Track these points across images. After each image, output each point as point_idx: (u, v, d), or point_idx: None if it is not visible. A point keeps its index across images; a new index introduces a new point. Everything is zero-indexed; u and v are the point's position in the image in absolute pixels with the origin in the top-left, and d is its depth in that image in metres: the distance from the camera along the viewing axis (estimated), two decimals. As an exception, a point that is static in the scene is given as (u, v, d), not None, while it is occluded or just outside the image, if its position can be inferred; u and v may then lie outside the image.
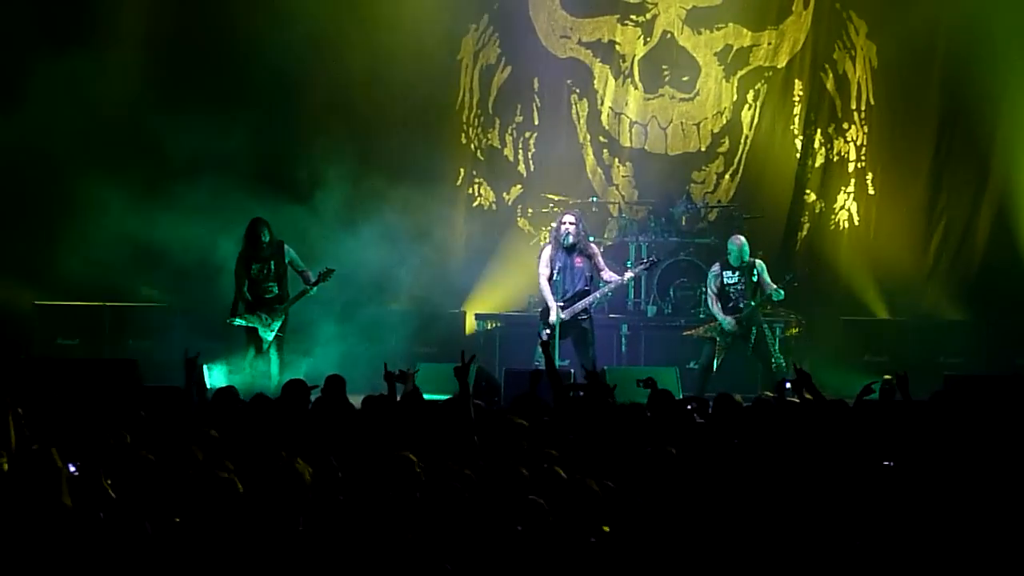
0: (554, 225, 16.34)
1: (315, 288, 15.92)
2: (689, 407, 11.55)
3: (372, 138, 19.41)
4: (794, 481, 7.91)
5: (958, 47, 19.50)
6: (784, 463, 8.27)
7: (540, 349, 15.39)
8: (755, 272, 16.29)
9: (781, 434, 9.53)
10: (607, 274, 15.93)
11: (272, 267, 16.01)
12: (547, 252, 16.08)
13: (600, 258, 16.09)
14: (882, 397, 11.69)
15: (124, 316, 18.67)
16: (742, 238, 16.57)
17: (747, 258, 16.35)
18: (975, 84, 19.57)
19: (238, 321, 15.98)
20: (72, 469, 6.91)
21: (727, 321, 16.21)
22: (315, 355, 16.24)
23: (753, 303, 16.19)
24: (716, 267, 16.53)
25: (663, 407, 10.78)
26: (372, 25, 19.30)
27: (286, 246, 16.06)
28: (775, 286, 16.15)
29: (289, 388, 11.28)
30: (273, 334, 15.94)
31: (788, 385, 12.40)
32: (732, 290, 16.33)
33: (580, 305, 15.82)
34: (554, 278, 15.78)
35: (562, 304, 15.70)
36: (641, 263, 16.81)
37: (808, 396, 10.39)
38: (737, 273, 16.32)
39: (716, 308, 16.36)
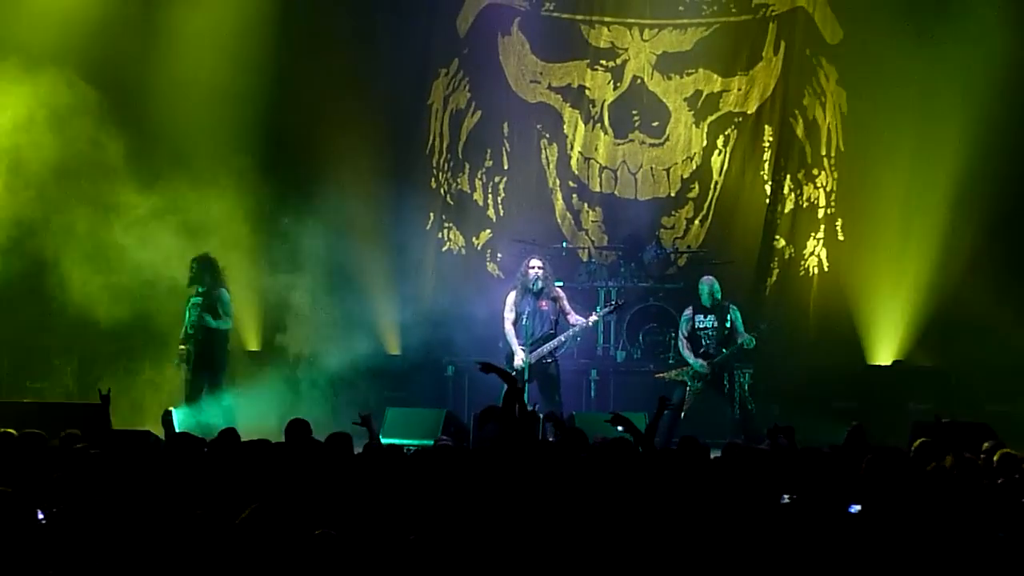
0: (521, 270, 16.27)
1: None
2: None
3: (341, 183, 19.32)
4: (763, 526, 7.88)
5: (929, 92, 19.53)
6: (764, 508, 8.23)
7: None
8: (729, 317, 16.23)
9: (754, 479, 9.49)
10: (573, 317, 15.88)
11: None
12: (512, 296, 16.02)
13: (566, 302, 16.03)
14: (848, 442, 11.70)
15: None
16: (711, 278, 16.51)
17: (718, 297, 16.31)
18: (945, 129, 19.59)
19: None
20: (40, 516, 6.85)
21: (699, 364, 16.14)
22: (280, 402, 16.13)
23: (725, 351, 16.11)
24: (688, 311, 16.47)
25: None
26: (342, 70, 19.30)
27: None
28: (748, 335, 16.09)
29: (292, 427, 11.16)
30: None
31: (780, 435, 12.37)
32: (704, 334, 16.25)
33: (546, 348, 15.76)
34: (522, 322, 15.71)
35: (528, 348, 15.65)
36: (607, 306, 16.78)
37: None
38: (710, 317, 16.25)
39: (688, 352, 16.30)
